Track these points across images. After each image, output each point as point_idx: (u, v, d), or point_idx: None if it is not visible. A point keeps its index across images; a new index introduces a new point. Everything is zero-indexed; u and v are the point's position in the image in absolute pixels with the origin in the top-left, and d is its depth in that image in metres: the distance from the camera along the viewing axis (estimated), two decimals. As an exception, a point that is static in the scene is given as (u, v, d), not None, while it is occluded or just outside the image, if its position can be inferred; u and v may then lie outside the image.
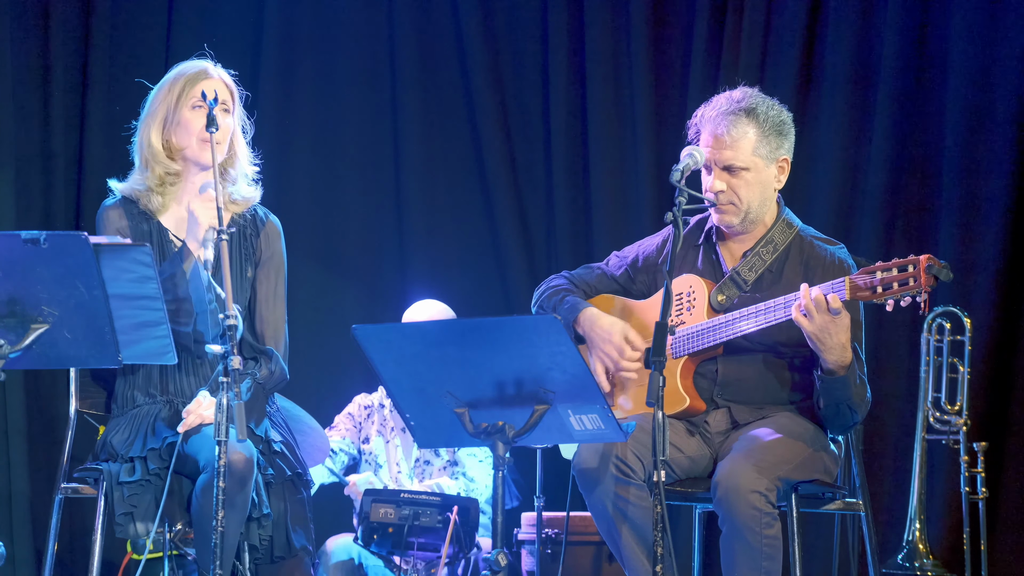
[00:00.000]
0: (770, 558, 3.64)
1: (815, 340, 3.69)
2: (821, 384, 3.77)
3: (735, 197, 3.89)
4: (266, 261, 4.05)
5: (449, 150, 6.44)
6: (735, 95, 3.94)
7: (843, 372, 3.72)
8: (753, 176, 3.89)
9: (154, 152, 3.97)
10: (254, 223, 4.07)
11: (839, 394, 3.76)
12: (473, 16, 6.32)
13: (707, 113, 3.93)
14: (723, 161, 3.87)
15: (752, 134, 3.87)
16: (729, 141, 3.86)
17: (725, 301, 3.92)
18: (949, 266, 3.58)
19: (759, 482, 3.63)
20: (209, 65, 4.03)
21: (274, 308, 4.03)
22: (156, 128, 3.98)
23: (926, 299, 3.58)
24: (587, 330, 3.99)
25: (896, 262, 3.60)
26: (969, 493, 5.31)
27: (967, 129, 5.62)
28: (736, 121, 3.87)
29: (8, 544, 5.53)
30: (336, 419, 5.72)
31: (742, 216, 3.92)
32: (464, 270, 6.37)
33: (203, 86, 3.96)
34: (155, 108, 3.99)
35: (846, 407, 3.79)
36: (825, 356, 3.71)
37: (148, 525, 3.72)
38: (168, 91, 3.99)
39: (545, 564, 5.19)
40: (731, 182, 3.88)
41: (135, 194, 3.99)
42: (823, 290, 3.65)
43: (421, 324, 3.74)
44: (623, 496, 3.75)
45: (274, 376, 3.96)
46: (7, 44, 5.93)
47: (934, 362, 5.42)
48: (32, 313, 3.33)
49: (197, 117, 3.94)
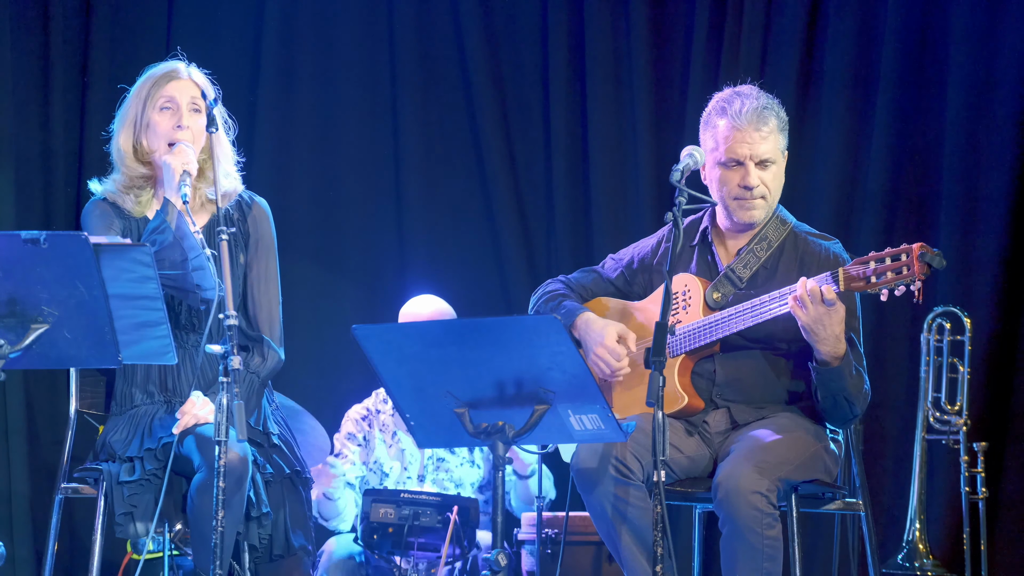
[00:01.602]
0: (771, 559, 3.64)
1: (809, 331, 3.70)
2: (816, 376, 3.79)
3: (766, 190, 3.93)
4: (255, 243, 4.00)
5: (449, 150, 6.44)
6: (753, 92, 3.97)
7: (837, 363, 3.74)
8: (779, 169, 3.97)
9: (122, 156, 3.95)
10: (240, 208, 4.02)
11: (834, 385, 3.77)
12: (473, 16, 6.32)
13: (733, 107, 3.93)
14: (760, 155, 3.90)
15: (777, 128, 3.93)
16: (767, 133, 3.90)
17: (721, 299, 3.93)
18: (942, 253, 3.59)
19: (760, 483, 3.63)
20: (180, 66, 3.98)
21: (266, 289, 3.99)
22: (126, 131, 3.95)
23: (920, 287, 3.58)
24: (582, 334, 4.00)
25: (889, 251, 3.62)
26: (969, 493, 5.32)
27: (967, 129, 5.62)
28: (769, 115, 3.92)
29: (8, 544, 5.53)
30: (336, 444, 5.63)
31: (767, 209, 3.95)
32: (464, 270, 6.37)
33: (171, 87, 3.93)
34: (125, 111, 3.96)
35: (843, 399, 3.80)
36: (819, 347, 3.73)
37: (148, 525, 3.72)
38: (137, 94, 3.96)
39: (545, 564, 5.19)
40: (764, 176, 3.92)
41: (110, 196, 3.98)
42: (818, 282, 3.67)
43: (421, 324, 3.74)
44: (622, 497, 3.75)
45: (268, 363, 3.92)
46: (7, 44, 5.93)
47: (934, 362, 5.42)
48: (32, 313, 3.33)
49: (165, 119, 3.90)
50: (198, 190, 3.95)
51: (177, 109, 3.91)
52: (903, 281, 3.59)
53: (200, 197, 3.97)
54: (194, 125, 3.91)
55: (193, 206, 3.97)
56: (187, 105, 3.91)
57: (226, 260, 3.54)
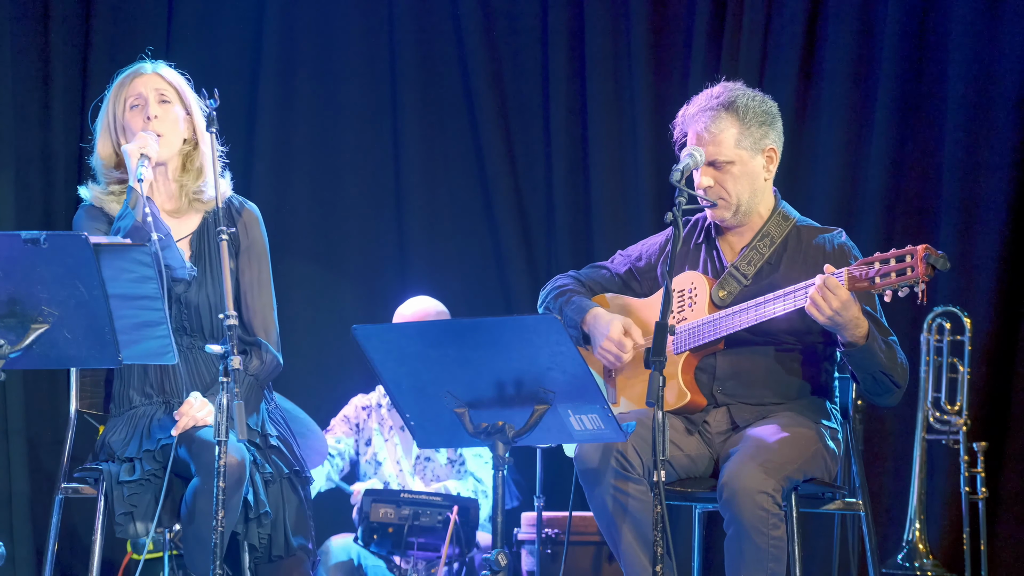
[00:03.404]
0: (776, 559, 3.64)
1: (832, 326, 3.69)
2: (848, 359, 3.78)
3: (724, 192, 3.92)
4: (247, 249, 3.98)
5: (449, 150, 6.44)
6: (715, 91, 3.98)
7: (864, 342, 3.71)
8: (739, 169, 3.92)
9: (100, 165, 3.96)
10: (230, 213, 3.99)
11: (868, 363, 3.75)
12: (473, 16, 6.32)
13: (688, 112, 3.98)
14: (707, 157, 3.90)
15: (733, 127, 3.90)
16: (710, 137, 3.89)
17: (726, 297, 3.93)
18: (947, 256, 3.59)
19: (766, 482, 3.63)
20: (146, 64, 3.97)
21: (260, 295, 3.97)
22: (103, 139, 3.96)
23: (924, 289, 3.58)
24: (591, 328, 4.01)
25: (894, 252, 3.62)
26: (969, 493, 5.32)
27: (967, 129, 5.62)
28: (715, 117, 3.90)
29: (8, 544, 5.53)
30: (332, 422, 5.71)
31: (733, 210, 3.94)
32: (464, 270, 6.37)
33: (136, 84, 3.92)
34: (100, 119, 3.97)
35: (881, 374, 3.77)
36: (843, 333, 3.72)
37: (148, 525, 3.71)
38: (109, 100, 3.96)
39: (545, 564, 5.19)
40: (718, 177, 3.91)
41: (97, 202, 3.98)
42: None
43: (421, 324, 3.75)
44: (623, 491, 3.75)
45: (266, 366, 3.91)
46: (7, 44, 5.93)
47: (934, 362, 5.42)
48: (32, 313, 3.33)
49: (136, 117, 3.90)
50: (184, 188, 3.95)
51: (145, 104, 3.90)
52: (907, 283, 3.59)
53: (187, 196, 3.96)
54: (163, 114, 3.90)
55: (181, 207, 3.97)
56: (154, 97, 3.90)
57: (226, 260, 3.54)
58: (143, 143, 3.81)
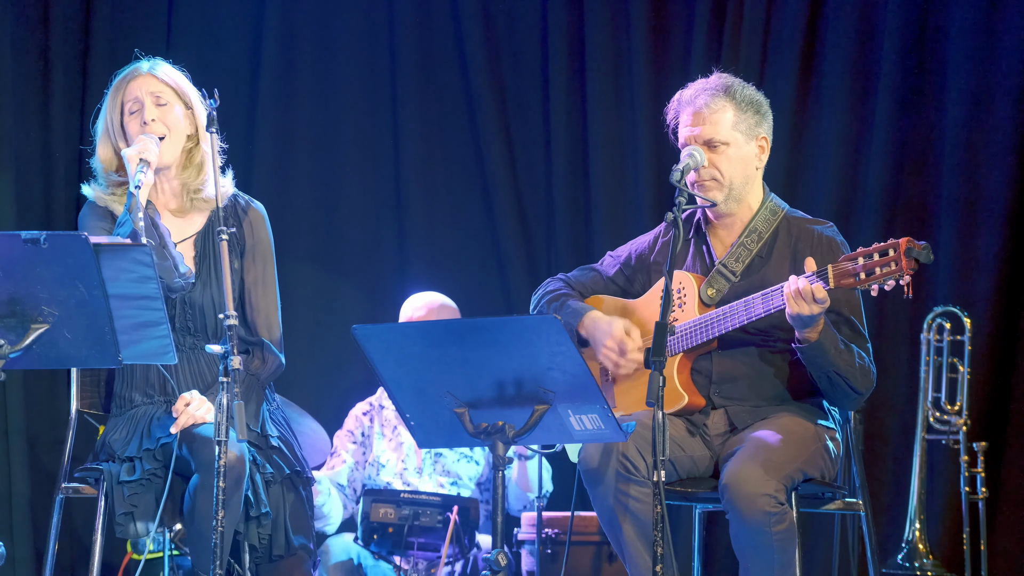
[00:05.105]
0: (782, 550, 3.65)
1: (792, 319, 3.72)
2: (801, 355, 3.80)
3: (717, 172, 3.93)
4: (251, 248, 3.98)
5: (449, 149, 6.44)
6: (710, 79, 4.03)
7: (816, 336, 3.73)
8: (734, 152, 3.94)
9: (99, 169, 3.95)
10: (235, 212, 4.00)
11: (820, 360, 3.77)
12: (473, 16, 6.32)
13: (684, 95, 4.02)
14: (703, 136, 3.93)
15: (730, 110, 3.94)
16: (708, 114, 3.93)
17: (715, 294, 3.94)
18: (929, 247, 3.60)
19: (768, 484, 3.63)
20: (142, 64, 3.95)
21: (264, 295, 3.97)
22: (103, 141, 3.95)
23: (909, 282, 3.59)
24: (590, 331, 4.00)
25: (876, 247, 3.62)
26: (969, 493, 5.32)
27: (967, 128, 5.62)
28: (714, 97, 3.95)
29: (8, 544, 5.53)
30: (335, 442, 5.63)
31: (725, 192, 3.95)
32: (464, 270, 6.37)
33: (132, 87, 3.91)
34: (100, 123, 3.96)
35: (836, 375, 3.79)
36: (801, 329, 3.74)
37: (148, 525, 3.71)
38: (107, 104, 3.95)
39: (545, 564, 5.19)
40: (712, 157, 3.93)
41: (100, 200, 3.98)
42: (808, 280, 3.67)
43: (421, 324, 3.74)
44: (625, 491, 3.76)
45: (268, 366, 3.91)
46: (7, 44, 5.93)
47: (934, 362, 5.43)
48: (32, 313, 3.33)
49: (133, 122, 3.90)
50: (186, 185, 3.95)
51: (141, 109, 3.89)
52: (891, 276, 3.60)
53: (188, 195, 3.96)
54: (162, 116, 3.89)
55: (184, 206, 3.97)
56: (150, 99, 3.89)
57: (226, 260, 3.54)
58: (143, 147, 3.80)
